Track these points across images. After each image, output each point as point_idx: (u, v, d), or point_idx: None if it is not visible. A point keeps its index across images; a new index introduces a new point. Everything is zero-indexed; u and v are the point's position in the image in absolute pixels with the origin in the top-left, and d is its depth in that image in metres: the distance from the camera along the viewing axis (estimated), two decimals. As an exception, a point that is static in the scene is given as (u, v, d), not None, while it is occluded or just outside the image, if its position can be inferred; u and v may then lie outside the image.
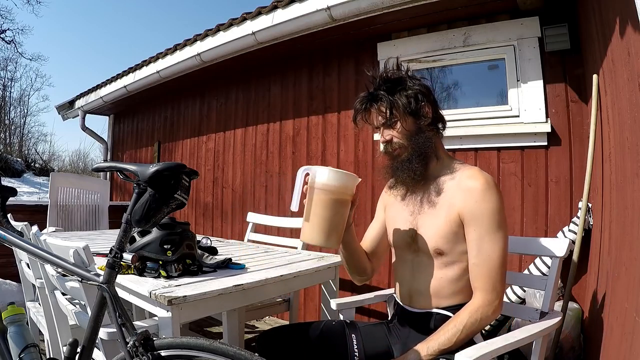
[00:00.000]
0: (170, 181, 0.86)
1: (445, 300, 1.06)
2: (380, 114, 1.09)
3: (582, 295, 1.92)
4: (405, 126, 1.08)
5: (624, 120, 1.20)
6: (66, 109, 5.30)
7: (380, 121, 1.10)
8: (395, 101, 1.06)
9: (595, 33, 1.60)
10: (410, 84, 1.08)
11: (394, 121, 1.08)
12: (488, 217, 0.99)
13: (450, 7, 2.21)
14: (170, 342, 0.82)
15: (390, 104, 1.06)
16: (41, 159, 15.39)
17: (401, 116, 1.07)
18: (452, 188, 1.06)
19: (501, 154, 2.19)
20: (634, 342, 0.95)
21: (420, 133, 1.08)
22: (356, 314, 1.38)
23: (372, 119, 1.12)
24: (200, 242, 1.60)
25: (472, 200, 1.01)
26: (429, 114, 1.09)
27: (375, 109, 1.10)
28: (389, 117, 1.07)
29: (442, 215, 1.05)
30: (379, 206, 1.30)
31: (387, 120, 1.08)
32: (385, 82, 1.09)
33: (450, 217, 1.03)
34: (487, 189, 1.00)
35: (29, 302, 1.96)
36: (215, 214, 3.69)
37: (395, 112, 1.07)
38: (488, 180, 1.02)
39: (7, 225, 1.13)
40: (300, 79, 3.10)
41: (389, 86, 1.08)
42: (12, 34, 16.26)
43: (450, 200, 1.05)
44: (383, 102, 1.07)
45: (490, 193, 1.00)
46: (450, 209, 1.04)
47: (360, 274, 1.23)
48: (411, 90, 1.07)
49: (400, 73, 1.11)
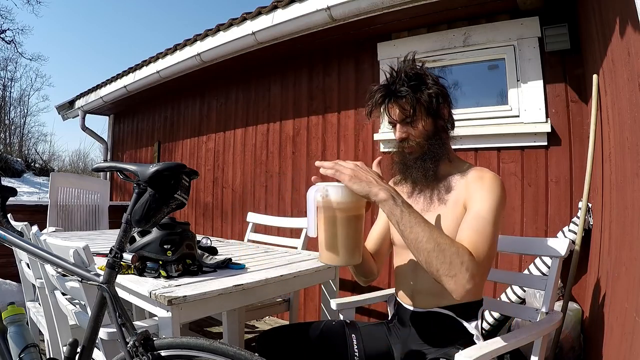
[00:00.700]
0: (170, 181, 0.86)
1: (447, 299, 1.05)
2: (402, 112, 1.06)
3: (582, 295, 1.92)
4: (425, 126, 1.06)
5: (624, 120, 1.20)
6: (66, 109, 5.30)
7: (399, 117, 1.07)
8: (419, 100, 1.04)
9: (595, 33, 1.60)
10: (431, 83, 1.06)
11: (415, 120, 1.05)
12: (489, 204, 0.95)
13: (450, 7, 2.21)
14: (170, 342, 0.82)
15: (414, 102, 1.03)
16: (41, 159, 15.41)
17: (423, 116, 1.05)
18: (461, 186, 1.05)
19: (501, 154, 2.19)
20: (634, 342, 0.95)
21: (437, 134, 1.07)
22: (356, 314, 1.38)
23: (392, 114, 1.08)
24: (200, 242, 1.60)
25: (477, 187, 1.00)
26: (446, 116, 1.09)
27: (398, 106, 1.06)
28: (411, 114, 1.04)
29: (449, 213, 1.04)
30: None
31: (407, 118, 1.06)
32: (408, 78, 1.05)
33: (456, 213, 1.02)
34: (494, 181, 1.00)
35: (29, 302, 1.96)
36: (215, 214, 3.69)
37: (417, 112, 1.04)
38: (496, 176, 1.02)
39: (7, 225, 1.13)
40: (300, 79, 3.10)
41: (413, 84, 1.04)
42: (12, 34, 16.32)
43: (457, 197, 1.04)
44: (407, 100, 1.04)
45: (497, 185, 0.99)
46: (457, 204, 1.03)
47: (367, 276, 1.22)
48: (432, 89, 1.05)
49: (421, 70, 1.08)
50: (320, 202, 0.92)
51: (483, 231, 0.91)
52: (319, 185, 0.92)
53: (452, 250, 0.83)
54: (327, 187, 0.91)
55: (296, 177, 3.05)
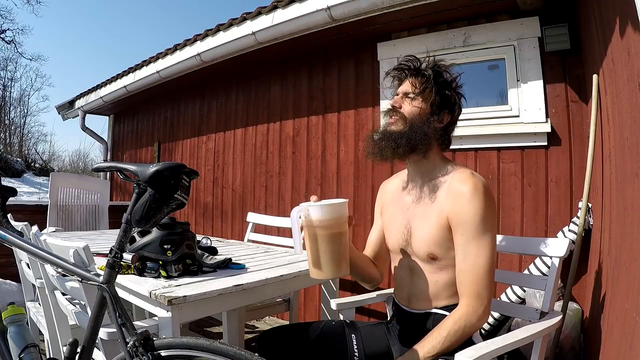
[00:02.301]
0: (170, 181, 0.86)
1: (443, 301, 1.06)
2: (412, 86, 1.08)
3: (582, 295, 1.92)
4: (420, 110, 1.06)
5: (624, 120, 1.20)
6: (66, 109, 5.30)
7: (406, 90, 1.09)
8: (432, 87, 1.06)
9: (595, 33, 1.60)
10: (452, 88, 1.10)
11: (415, 98, 1.07)
12: (474, 223, 0.98)
13: (450, 7, 2.21)
14: (170, 342, 0.82)
15: (427, 85, 1.06)
16: (41, 159, 15.40)
17: (424, 100, 1.07)
18: (443, 192, 1.05)
19: (501, 154, 2.19)
20: (634, 342, 0.95)
21: (425, 125, 1.06)
22: (356, 314, 1.38)
23: (403, 84, 1.11)
24: (200, 242, 1.60)
25: (459, 205, 0.99)
26: (443, 121, 1.09)
27: (413, 79, 1.09)
28: (416, 93, 1.07)
29: (433, 221, 1.04)
30: (377, 210, 1.30)
31: (410, 93, 1.08)
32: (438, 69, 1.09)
33: (440, 222, 1.03)
34: (474, 194, 0.98)
35: (29, 302, 1.96)
36: (215, 214, 3.69)
37: (423, 94, 1.07)
38: (477, 185, 0.99)
39: (7, 225, 1.13)
40: (300, 79, 3.10)
41: (436, 73, 1.08)
42: (12, 34, 16.24)
43: (440, 205, 1.04)
44: (423, 80, 1.07)
45: (478, 198, 0.98)
46: (440, 214, 1.03)
47: (368, 281, 1.23)
48: (449, 92, 1.08)
49: (452, 74, 1.11)
50: (303, 222, 0.98)
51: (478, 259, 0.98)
52: (301, 205, 0.98)
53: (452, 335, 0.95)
54: (309, 207, 0.97)
55: (296, 177, 3.05)
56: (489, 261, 0.98)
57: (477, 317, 0.96)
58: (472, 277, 0.97)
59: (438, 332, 0.96)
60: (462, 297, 0.99)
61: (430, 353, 0.94)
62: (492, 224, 1.00)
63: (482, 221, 0.98)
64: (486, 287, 0.97)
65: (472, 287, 0.97)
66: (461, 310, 0.98)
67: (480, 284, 0.97)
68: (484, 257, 0.97)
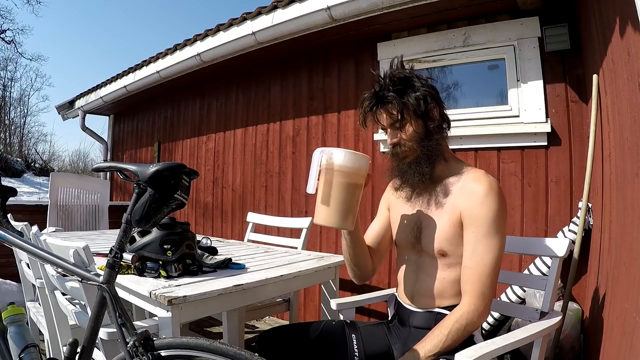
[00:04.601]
0: (170, 181, 0.86)
1: (447, 300, 1.06)
2: (390, 116, 1.07)
3: (582, 295, 1.92)
4: (416, 129, 1.06)
5: (624, 120, 1.20)
6: (66, 109, 5.30)
7: (389, 123, 1.08)
8: (405, 103, 1.04)
9: (595, 33, 1.60)
10: (418, 85, 1.06)
11: (404, 124, 1.06)
12: (486, 222, 0.99)
13: (450, 7, 2.21)
14: (170, 342, 0.82)
15: (400, 107, 1.04)
16: (41, 159, 15.39)
17: (411, 119, 1.06)
18: (457, 190, 1.06)
19: (501, 154, 2.19)
20: (634, 342, 0.95)
21: (429, 136, 1.07)
22: (356, 314, 1.38)
23: (381, 120, 1.09)
24: (200, 242, 1.60)
25: (473, 203, 1.01)
26: (437, 117, 1.08)
27: (385, 111, 1.07)
28: (399, 119, 1.05)
29: (446, 217, 1.05)
30: (382, 204, 1.28)
31: (396, 122, 1.06)
32: (394, 83, 1.06)
33: (453, 219, 1.04)
34: (489, 193, 1.00)
35: (29, 302, 1.96)
36: (215, 214, 3.69)
37: (405, 115, 1.05)
38: (492, 185, 1.01)
39: (7, 225, 1.13)
40: (300, 79, 3.10)
41: (398, 88, 1.05)
42: (12, 34, 16.25)
43: (454, 202, 1.05)
44: (394, 105, 1.05)
45: (492, 198, 0.99)
46: (454, 211, 1.04)
47: (362, 269, 1.20)
48: (420, 92, 1.05)
49: (407, 72, 1.08)
50: (323, 165, 0.99)
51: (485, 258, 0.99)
52: (325, 148, 1.00)
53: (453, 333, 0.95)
54: (333, 150, 0.98)
55: (296, 177, 3.05)
56: (495, 261, 0.99)
57: (478, 315, 0.97)
58: (478, 275, 0.98)
59: (439, 331, 0.96)
60: (464, 294, 1.00)
61: (432, 351, 0.94)
62: (503, 226, 1.01)
63: (494, 221, 0.99)
64: (490, 286, 0.98)
65: (477, 285, 0.98)
66: (463, 308, 0.98)
67: (484, 283, 0.98)
68: (492, 256, 0.99)
